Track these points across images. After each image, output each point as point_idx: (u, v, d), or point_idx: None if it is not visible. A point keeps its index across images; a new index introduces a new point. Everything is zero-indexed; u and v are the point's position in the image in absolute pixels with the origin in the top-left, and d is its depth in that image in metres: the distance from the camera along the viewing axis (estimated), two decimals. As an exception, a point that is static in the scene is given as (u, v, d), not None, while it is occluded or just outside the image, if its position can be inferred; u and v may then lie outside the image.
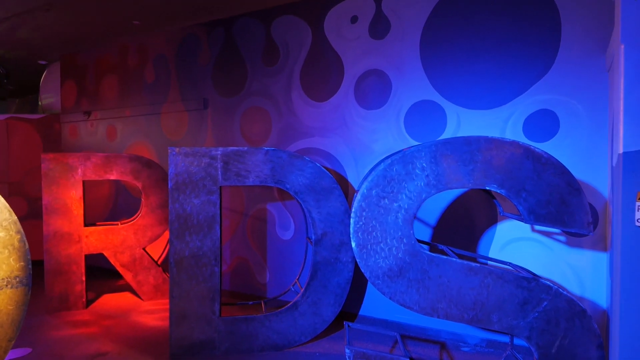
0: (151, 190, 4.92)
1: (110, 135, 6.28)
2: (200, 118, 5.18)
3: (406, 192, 2.35)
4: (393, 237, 2.37)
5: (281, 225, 4.55)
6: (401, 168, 2.36)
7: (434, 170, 2.33)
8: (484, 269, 2.31)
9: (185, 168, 3.32)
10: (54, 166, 4.59)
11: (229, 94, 4.92)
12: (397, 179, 2.36)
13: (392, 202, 2.37)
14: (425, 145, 2.41)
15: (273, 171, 3.43)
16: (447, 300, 2.31)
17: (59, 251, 4.64)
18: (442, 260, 2.35)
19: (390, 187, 2.36)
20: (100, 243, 4.79)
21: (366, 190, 2.40)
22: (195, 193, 3.33)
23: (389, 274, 2.35)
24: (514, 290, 2.30)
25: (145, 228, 4.93)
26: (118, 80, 6.15)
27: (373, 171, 2.46)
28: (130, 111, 5.96)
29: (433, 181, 2.34)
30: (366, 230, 2.41)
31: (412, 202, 2.37)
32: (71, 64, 6.85)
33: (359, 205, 2.42)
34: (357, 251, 2.43)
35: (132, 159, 4.85)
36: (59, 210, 4.62)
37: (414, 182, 2.36)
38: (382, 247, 2.37)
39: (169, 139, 5.52)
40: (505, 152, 2.25)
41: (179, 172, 3.32)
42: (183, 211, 3.33)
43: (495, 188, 2.28)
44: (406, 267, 2.34)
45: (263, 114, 4.64)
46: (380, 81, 3.89)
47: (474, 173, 2.29)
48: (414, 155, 2.37)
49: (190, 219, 3.34)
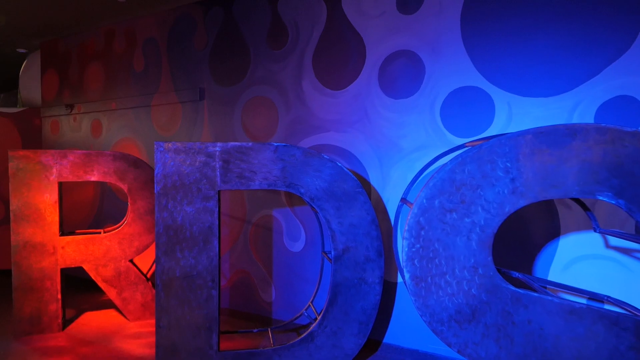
0: (139, 193, 4.30)
1: (95, 131, 5.65)
2: (196, 110, 4.55)
3: (483, 202, 1.74)
4: (463, 265, 1.75)
5: (290, 235, 3.93)
6: (476, 169, 1.74)
7: (522, 172, 1.72)
8: (591, 311, 1.69)
9: (175, 168, 2.70)
10: (23, 165, 3.96)
11: (228, 83, 4.29)
12: (470, 184, 1.75)
13: (462, 217, 1.75)
14: (509, 137, 1.77)
15: (284, 172, 2.81)
16: (540, 355, 1.69)
17: (29, 265, 4.01)
18: (532, 298, 1.71)
19: (460, 195, 1.74)
20: (79, 255, 4.16)
21: (426, 200, 1.78)
22: (188, 199, 2.71)
23: (457, 317, 1.74)
24: (636, 342, 1.67)
25: (131, 237, 4.30)
26: (103, 69, 5.51)
27: (436, 174, 1.80)
28: (116, 104, 5.33)
29: (521, 187, 1.72)
30: (426, 256, 1.79)
31: (490, 216, 1.74)
32: (52, 51, 6.21)
33: (415, 221, 1.78)
34: (412, 286, 1.80)
35: (116, 157, 4.22)
36: (30, 217, 3.99)
37: (494, 188, 1.74)
38: (448, 279, 1.76)
39: (161, 134, 4.89)
40: (626, 146, 1.64)
41: (168, 173, 2.70)
42: (173, 221, 2.70)
43: (609, 198, 1.67)
44: (482, 309, 1.73)
45: (268, 106, 4.02)
46: (410, 64, 3.28)
47: (580, 176, 1.67)
48: (494, 151, 1.74)
49: (181, 231, 2.72)
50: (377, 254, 2.87)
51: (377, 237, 2.87)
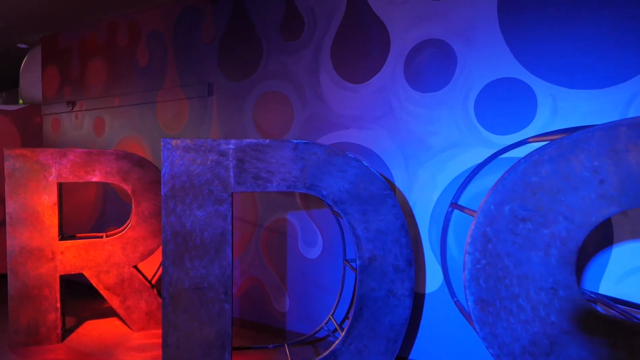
0: (143, 195, 4.04)
1: (97, 129, 5.40)
2: (204, 107, 4.29)
3: (564, 210, 1.45)
4: (540, 286, 1.47)
5: (305, 241, 3.66)
6: (555, 169, 1.45)
7: (614, 173, 1.43)
8: None
9: (184, 168, 2.43)
10: (20, 165, 3.71)
11: (238, 77, 4.03)
12: (548, 187, 1.46)
13: (539, 228, 1.47)
14: (598, 129, 1.50)
15: (304, 172, 2.54)
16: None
17: (26, 271, 3.75)
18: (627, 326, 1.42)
19: (535, 201, 1.46)
20: (80, 261, 3.91)
21: (494, 206, 1.48)
22: (199, 202, 2.45)
23: (531, 350, 1.45)
24: None
25: (135, 242, 4.04)
26: (106, 64, 5.26)
27: (506, 175, 1.48)
28: (119, 100, 5.08)
29: (612, 191, 1.44)
30: (493, 274, 1.50)
31: (574, 227, 1.45)
32: (53, 46, 5.97)
33: (480, 232, 1.48)
34: (477, 311, 1.49)
35: (119, 156, 3.97)
36: (27, 220, 3.74)
37: (579, 192, 1.46)
38: (520, 304, 1.47)
39: (166, 132, 4.64)
40: None
41: (176, 174, 2.43)
42: (181, 227, 2.44)
43: None
44: (562, 340, 1.45)
45: (282, 101, 3.75)
46: (440, 55, 3.00)
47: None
48: (579, 147, 1.45)
49: (191, 238, 2.45)
50: (407, 263, 2.60)
51: (407, 244, 2.60)
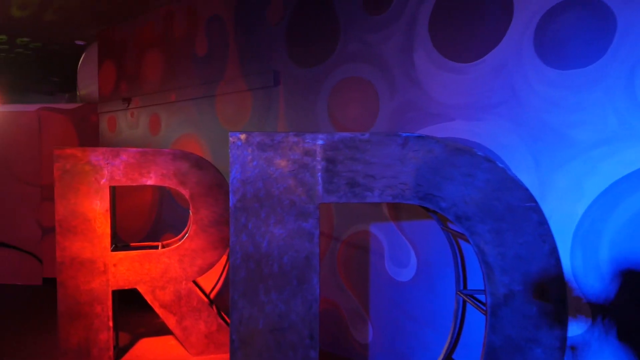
0: (202, 200, 3.57)
1: (153, 127, 5.04)
2: (269, 99, 3.76)
3: None
4: None
5: (394, 259, 3.01)
6: None
7: None
8: None
9: (259, 170, 1.87)
10: (71, 166, 3.34)
11: (310, 62, 3.45)
12: None
13: None
14: None
15: (417, 176, 1.90)
16: None
17: (77, 285, 3.38)
18: None
19: None
20: (134, 274, 3.49)
21: None
22: (277, 216, 1.87)
23: None
24: None
25: (194, 254, 3.58)
26: (162, 57, 4.88)
27: None
28: (176, 95, 4.67)
29: None
30: None
31: None
32: (109, 41, 5.70)
33: None
34: None
35: (176, 156, 3.51)
36: (77, 228, 3.36)
37: None
38: None
39: (226, 129, 4.15)
40: None
41: (249, 179, 1.87)
42: (255, 248, 1.87)
43: None
44: None
45: (364, 89, 3.13)
46: (589, 18, 2.26)
47: None
48: None
49: (267, 263, 1.88)
50: (559, 302, 1.90)
51: (558, 276, 1.90)
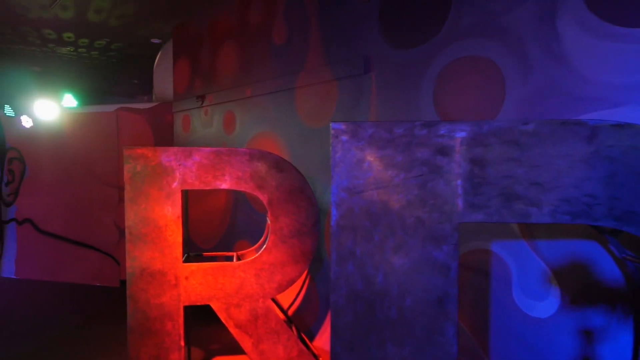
0: (282, 207, 3.14)
1: (227, 125, 4.74)
2: (359, 89, 3.25)
3: None
4: None
5: (526, 288, 2.37)
6: None
7: None
8: None
9: (372, 175, 1.35)
10: (141, 168, 3.05)
11: (411, 42, 2.89)
12: None
13: None
14: None
15: (613, 186, 1.28)
16: None
17: (147, 299, 3.09)
18: None
19: None
20: (207, 289, 3.14)
21: None
22: (397, 240, 1.34)
23: None
24: None
25: (272, 268, 3.16)
26: (237, 49, 4.56)
27: None
28: (252, 89, 4.32)
29: None
30: None
31: None
32: (184, 35, 5.51)
33: None
34: None
35: (253, 156, 3.11)
36: (148, 236, 3.07)
37: None
38: None
39: (308, 126, 3.71)
40: None
41: (357, 187, 1.36)
42: (365, 284, 1.36)
43: None
44: None
45: (484, 71, 2.51)
46: None
47: None
48: None
49: (382, 305, 1.36)
50: None
51: None
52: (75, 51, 7.19)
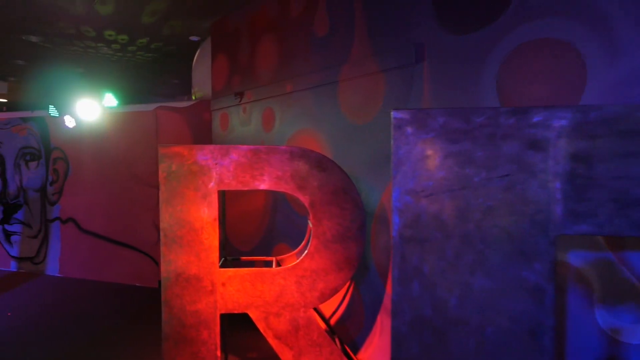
0: (324, 209, 2.91)
1: (266, 122, 4.57)
2: (409, 81, 2.98)
3: None
4: None
5: (612, 308, 2.04)
6: None
7: None
8: None
9: (444, 175, 1.10)
10: (177, 167, 2.91)
11: (471, 26, 2.60)
12: None
13: None
14: None
15: None
16: None
17: (182, 306, 2.94)
18: None
19: None
20: (244, 296, 2.96)
21: None
22: (477, 256, 1.09)
23: None
24: None
25: (314, 275, 2.94)
26: (276, 43, 4.38)
27: None
28: (292, 85, 4.12)
29: None
30: None
31: None
32: (222, 31, 5.40)
33: None
34: None
35: (294, 155, 2.91)
36: (183, 239, 2.93)
37: None
38: None
39: (352, 122, 3.47)
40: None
41: (426, 190, 1.11)
42: (435, 309, 1.11)
43: None
44: None
45: (560, 55, 2.19)
46: None
47: None
48: None
49: (457, 336, 1.10)
50: None
51: None
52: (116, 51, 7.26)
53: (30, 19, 5.61)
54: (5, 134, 7.18)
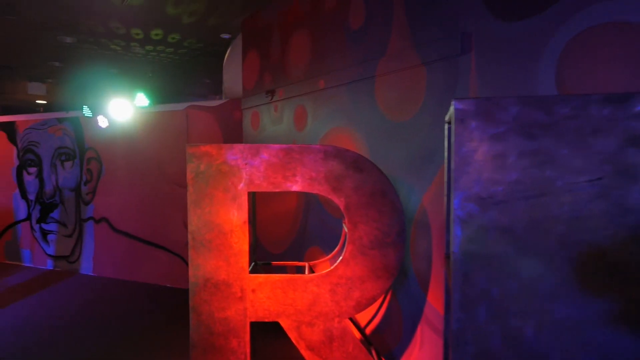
0: (361, 213, 2.73)
1: (298, 120, 4.42)
2: (454, 73, 2.76)
3: None
4: None
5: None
6: None
7: None
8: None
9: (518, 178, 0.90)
10: (205, 167, 2.80)
11: (524, 12, 2.36)
12: None
13: None
14: None
15: None
16: None
17: (211, 312, 2.83)
18: None
19: None
20: (275, 304, 2.82)
21: None
22: (558, 277, 0.88)
23: None
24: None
25: (350, 283, 2.77)
26: (309, 38, 4.23)
27: None
28: (325, 81, 3.96)
29: None
30: None
31: None
32: (253, 27, 5.30)
33: None
34: None
35: (328, 154, 2.74)
36: (212, 243, 2.81)
37: None
38: None
39: (389, 119, 3.27)
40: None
41: (494, 197, 0.91)
42: (506, 341, 0.91)
43: None
44: None
45: (634, 41, 1.94)
46: None
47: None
48: None
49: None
50: None
51: None
52: (149, 51, 7.30)
53: (63, 19, 5.67)
54: (42, 135, 7.33)
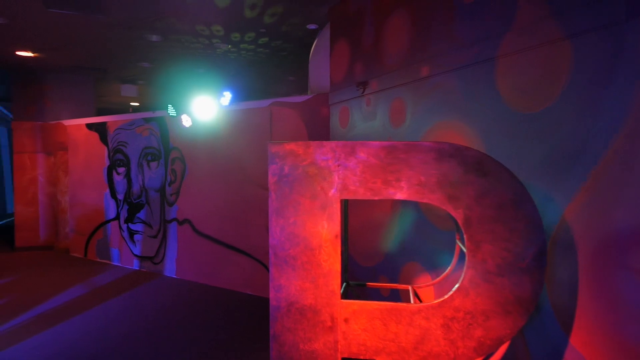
0: (485, 229, 2.16)
1: (395, 116, 3.91)
2: (612, 49, 2.09)
3: None
4: None
5: None
6: None
7: None
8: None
9: None
10: (289, 169, 2.39)
11: None
12: None
13: None
14: None
15: None
16: None
17: (294, 343, 2.41)
18: None
19: None
20: (373, 338, 2.34)
21: None
22: None
23: None
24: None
25: (470, 318, 2.21)
26: (409, 18, 3.70)
27: None
28: (429, 67, 3.41)
29: None
30: None
31: None
32: (342, 16, 4.87)
33: None
34: None
35: (442, 153, 2.21)
36: (297, 260, 2.39)
37: None
38: None
39: (516, 110, 2.65)
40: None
41: None
42: None
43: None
44: None
45: None
46: None
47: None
48: None
49: None
50: None
51: None
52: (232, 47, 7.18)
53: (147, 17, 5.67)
54: (130, 135, 7.52)
